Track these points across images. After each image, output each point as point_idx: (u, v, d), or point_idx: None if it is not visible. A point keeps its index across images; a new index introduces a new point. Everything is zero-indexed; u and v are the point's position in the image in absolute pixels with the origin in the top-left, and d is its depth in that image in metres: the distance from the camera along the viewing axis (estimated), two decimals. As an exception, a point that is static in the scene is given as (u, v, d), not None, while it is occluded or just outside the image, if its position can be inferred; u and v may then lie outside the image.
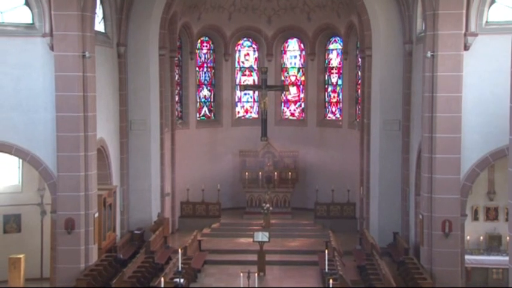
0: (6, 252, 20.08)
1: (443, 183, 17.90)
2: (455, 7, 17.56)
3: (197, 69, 28.93)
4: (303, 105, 29.85)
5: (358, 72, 27.15)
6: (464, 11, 17.68)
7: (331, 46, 29.13)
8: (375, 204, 23.65)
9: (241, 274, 17.20)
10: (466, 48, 17.84)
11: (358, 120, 26.66)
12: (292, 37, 29.72)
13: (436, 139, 17.93)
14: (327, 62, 29.27)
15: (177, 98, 27.30)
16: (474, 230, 20.36)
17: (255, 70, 30.04)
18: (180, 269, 17.97)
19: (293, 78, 30.04)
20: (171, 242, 23.83)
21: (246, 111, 30.17)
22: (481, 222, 20.55)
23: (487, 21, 18.08)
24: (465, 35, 17.80)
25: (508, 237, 19.43)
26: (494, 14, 18.11)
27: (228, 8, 28.13)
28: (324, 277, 18.75)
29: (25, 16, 18.38)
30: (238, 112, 30.03)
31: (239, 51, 29.93)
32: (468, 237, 19.93)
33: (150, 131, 23.97)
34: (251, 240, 21.64)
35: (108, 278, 18.46)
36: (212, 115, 29.50)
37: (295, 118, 29.95)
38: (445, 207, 17.95)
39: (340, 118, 28.57)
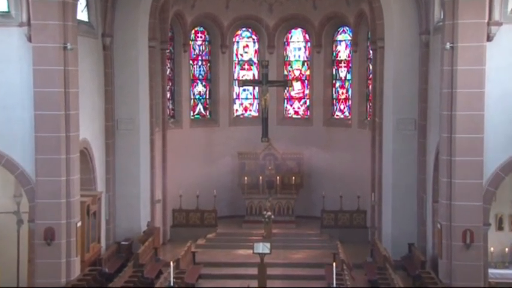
0: (-21, 266, 19.99)
1: (464, 189, 17.82)
2: (477, -7, 17.51)
3: (191, 62, 28.90)
4: (308, 103, 29.83)
5: (369, 66, 27.15)
6: (487, -2, 17.62)
7: (339, 37, 29.10)
8: (387, 212, 23.59)
9: (240, 290, 17.13)
10: (489, 38, 17.75)
11: (369, 119, 26.64)
12: (296, 27, 29.72)
13: (456, 140, 17.85)
14: (334, 54, 29.24)
15: (168, 95, 27.30)
16: (498, 241, 20.27)
17: (255, 64, 30.01)
18: (172, 284, 17.90)
19: (297, 73, 30.01)
20: (162, 254, 23.80)
21: (245, 109, 30.14)
22: (506, 232, 20.49)
23: (512, 9, 18.02)
24: (488, 24, 17.71)
25: (535, 249, 19.40)
26: (520, 1, 18.04)
27: (225, -5, 28.19)
28: (331, 293, 18.68)
29: None
30: (237, 110, 30.01)
31: (237, 42, 29.89)
32: (492, 249, 19.85)
33: (138, 131, 23.94)
34: (251, 252, 21.50)
35: (92, 294, 18.40)
36: (208, 113, 29.47)
37: (299, 117, 29.93)
38: (466, 216, 17.87)
39: (349, 117, 28.55)
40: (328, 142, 28.59)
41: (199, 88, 29.34)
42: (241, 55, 30.01)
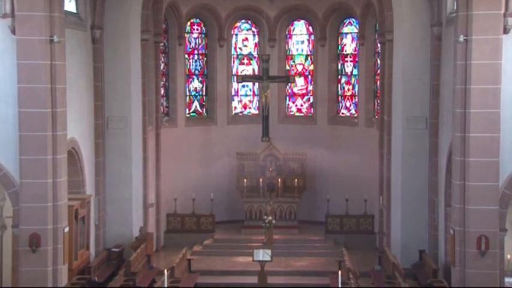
0: (-40, 274, 19.97)
1: (479, 192, 17.76)
2: (492, -18, 17.45)
3: (186, 56, 28.89)
4: (311, 100, 29.82)
5: (376, 60, 27.12)
6: (503, -13, 17.57)
7: (344, 29, 29.08)
8: (397, 217, 23.57)
9: (239, 300, 17.13)
10: (506, 31, 17.67)
11: (376, 117, 26.61)
12: (298, 19, 29.72)
13: (470, 139, 17.78)
14: (340, 48, 29.24)
15: (162, 91, 27.28)
16: (515, 248, 20.27)
17: (254, 58, 30.01)
18: (165, 293, 17.88)
19: (300, 68, 30.01)
20: (156, 261, 23.83)
21: (244, 107, 30.14)
22: (524, 238, 20.47)
23: (530, -1, 17.95)
24: (504, 15, 17.61)
25: (555, 256, 19.35)
26: (539, -9, 17.96)
27: (223, -16, 28.19)
28: (336, 303, 18.68)
29: (-19, -7, 18.25)
30: (235, 107, 30.02)
31: (236, 35, 29.89)
32: (509, 256, 19.86)
33: (130, 130, 23.92)
34: (250, 259, 21.58)
35: (81, 305, 18.39)
36: (204, 111, 29.46)
37: (302, 115, 29.93)
38: (480, 221, 17.80)
39: (356, 115, 28.54)
40: (333, 142, 28.56)
41: (195, 84, 29.32)
42: (240, 49, 29.99)
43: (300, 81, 29.94)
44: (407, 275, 21.26)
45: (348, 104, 29.08)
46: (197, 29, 29.28)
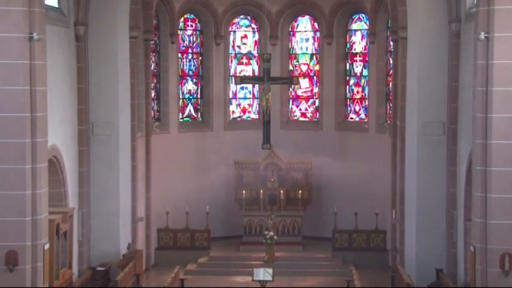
0: None
1: (502, 205, 17.73)
2: (516, -26, 17.46)
3: (180, 55, 28.94)
4: (316, 103, 29.86)
5: (389, 60, 27.17)
6: (528, -21, 17.57)
7: (353, 26, 29.17)
8: (411, 232, 23.58)
9: (237, 324, 17.11)
10: (531, 27, 17.72)
11: (389, 122, 26.60)
12: (303, 14, 29.85)
13: (492, 147, 17.77)
14: (348, 46, 29.29)
15: (153, 94, 27.35)
16: (542, 267, 20.19)
17: (254, 57, 30.06)
18: (156, 317, 17.86)
19: (304, 68, 30.05)
20: (145, 281, 23.87)
21: (243, 111, 30.18)
22: (552, 256, 20.41)
23: (558, -7, 17.96)
24: (529, 10, 17.69)
25: None
26: None
27: (219, -23, 28.27)
28: (345, 328, 18.68)
29: (-46, -14, 18.24)
30: (233, 112, 30.09)
31: (234, 32, 29.97)
32: (534, 276, 19.76)
33: (118, 137, 23.92)
34: (250, 279, 21.67)
35: (63, 330, 18.35)
36: (199, 115, 29.50)
37: (306, 119, 29.98)
38: (503, 237, 17.77)
39: (366, 119, 28.60)
40: (340, 149, 28.60)
41: (190, 86, 29.37)
42: (239, 47, 30.07)
43: (304, 82, 29.99)
44: (422, 296, 21.29)
45: (357, 108, 29.10)
46: (191, 26, 29.34)
